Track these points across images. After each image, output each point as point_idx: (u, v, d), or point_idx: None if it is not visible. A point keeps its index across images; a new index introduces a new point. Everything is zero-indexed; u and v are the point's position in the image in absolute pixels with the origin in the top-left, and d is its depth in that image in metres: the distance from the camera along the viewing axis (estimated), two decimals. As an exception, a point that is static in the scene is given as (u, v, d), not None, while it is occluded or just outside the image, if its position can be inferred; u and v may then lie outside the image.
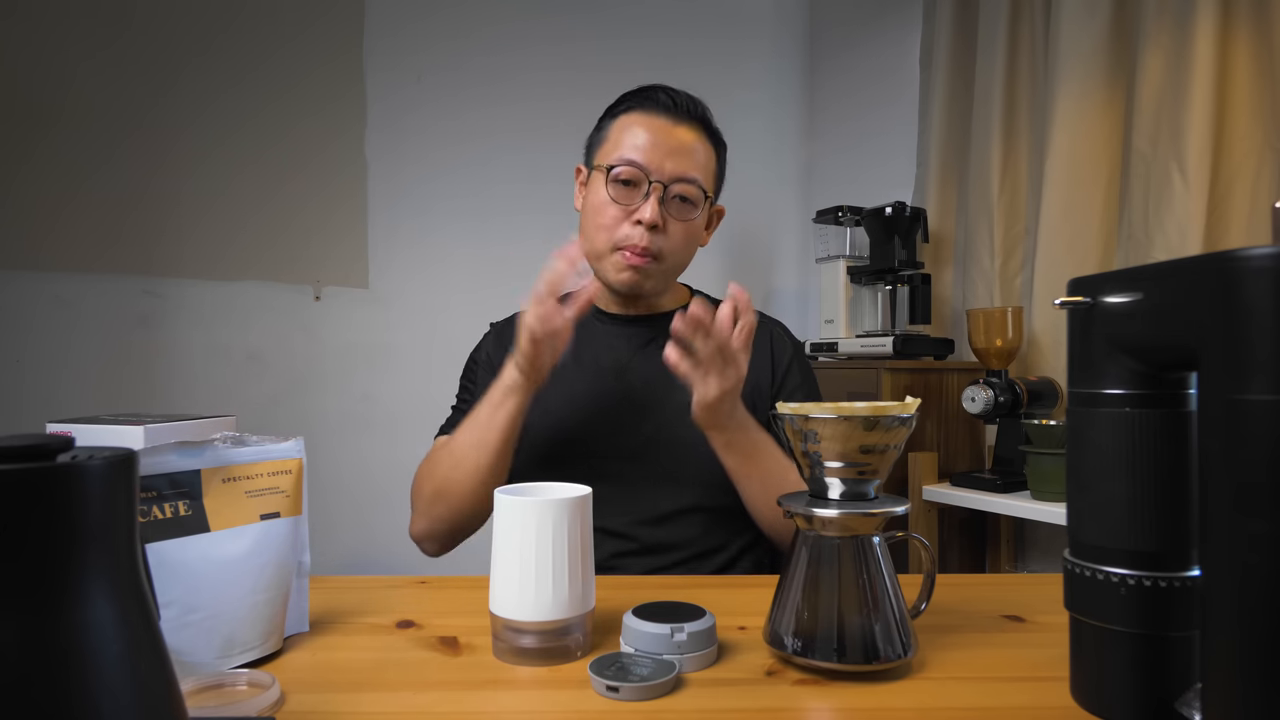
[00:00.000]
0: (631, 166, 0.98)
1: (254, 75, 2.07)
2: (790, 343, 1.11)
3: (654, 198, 0.98)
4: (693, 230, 1.03)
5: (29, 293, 1.88)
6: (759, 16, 2.59)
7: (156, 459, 0.57)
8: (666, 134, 1.00)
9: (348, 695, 0.55)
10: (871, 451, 0.57)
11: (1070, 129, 1.75)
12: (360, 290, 2.18)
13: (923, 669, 0.59)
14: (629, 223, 0.99)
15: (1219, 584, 0.40)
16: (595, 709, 0.52)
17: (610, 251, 1.01)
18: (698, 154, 1.01)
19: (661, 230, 0.99)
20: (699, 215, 1.03)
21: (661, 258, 1.00)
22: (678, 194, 1.00)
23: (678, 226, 1.01)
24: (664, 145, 0.99)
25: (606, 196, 1.00)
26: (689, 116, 1.02)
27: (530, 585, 0.59)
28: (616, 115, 1.04)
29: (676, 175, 0.99)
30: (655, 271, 1.01)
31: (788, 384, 1.06)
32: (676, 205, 1.00)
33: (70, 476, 0.32)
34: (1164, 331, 0.45)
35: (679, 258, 1.04)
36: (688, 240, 1.03)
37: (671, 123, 1.01)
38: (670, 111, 1.01)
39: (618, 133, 1.02)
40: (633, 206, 0.99)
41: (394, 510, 2.08)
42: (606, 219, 1.00)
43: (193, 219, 2.02)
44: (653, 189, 0.98)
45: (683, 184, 0.99)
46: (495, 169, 2.27)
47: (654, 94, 1.02)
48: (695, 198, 1.01)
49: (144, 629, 0.35)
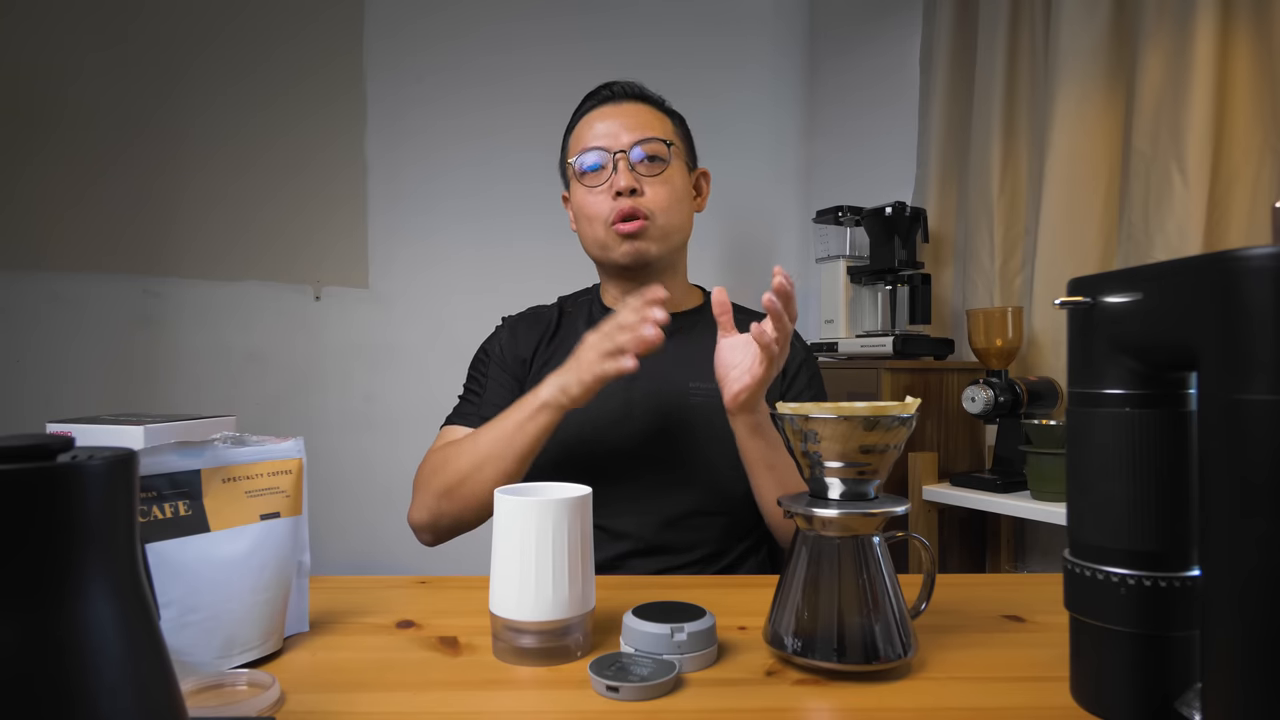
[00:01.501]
0: (592, 151, 1.03)
1: (254, 75, 2.07)
2: (801, 346, 1.10)
3: (622, 166, 1.01)
4: (675, 189, 1.05)
5: (29, 292, 1.88)
6: (759, 16, 2.59)
7: (156, 459, 0.57)
8: (614, 114, 1.05)
9: (348, 695, 0.55)
10: (871, 451, 0.57)
11: (1070, 129, 1.75)
12: (360, 290, 2.18)
13: (923, 669, 0.59)
14: (609, 200, 1.02)
15: (1219, 584, 0.40)
16: (595, 709, 0.52)
17: (604, 232, 1.03)
18: (650, 121, 1.05)
19: (640, 192, 1.02)
20: (671, 169, 1.05)
21: (652, 217, 1.02)
22: (643, 155, 1.03)
23: (656, 185, 1.03)
24: (614, 123, 1.04)
25: (583, 190, 1.04)
26: (629, 96, 1.07)
27: (530, 585, 0.59)
28: (571, 128, 1.10)
29: (636, 140, 1.03)
30: (652, 233, 1.02)
31: (794, 387, 1.07)
32: (646, 165, 1.03)
33: (70, 476, 0.32)
34: (1164, 331, 0.45)
35: (670, 217, 1.04)
36: (672, 198, 1.04)
37: (616, 105, 1.06)
38: (610, 99, 1.07)
39: (575, 139, 1.08)
40: (607, 185, 1.02)
41: (394, 510, 2.08)
42: (591, 209, 1.04)
43: (193, 219, 2.02)
44: (618, 159, 1.02)
45: (645, 144, 1.03)
46: (495, 169, 2.27)
47: (593, 93, 1.09)
48: (661, 153, 1.04)
49: (144, 629, 0.35)
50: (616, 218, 1.01)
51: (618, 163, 1.02)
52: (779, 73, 2.62)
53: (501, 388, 1.06)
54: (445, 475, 0.95)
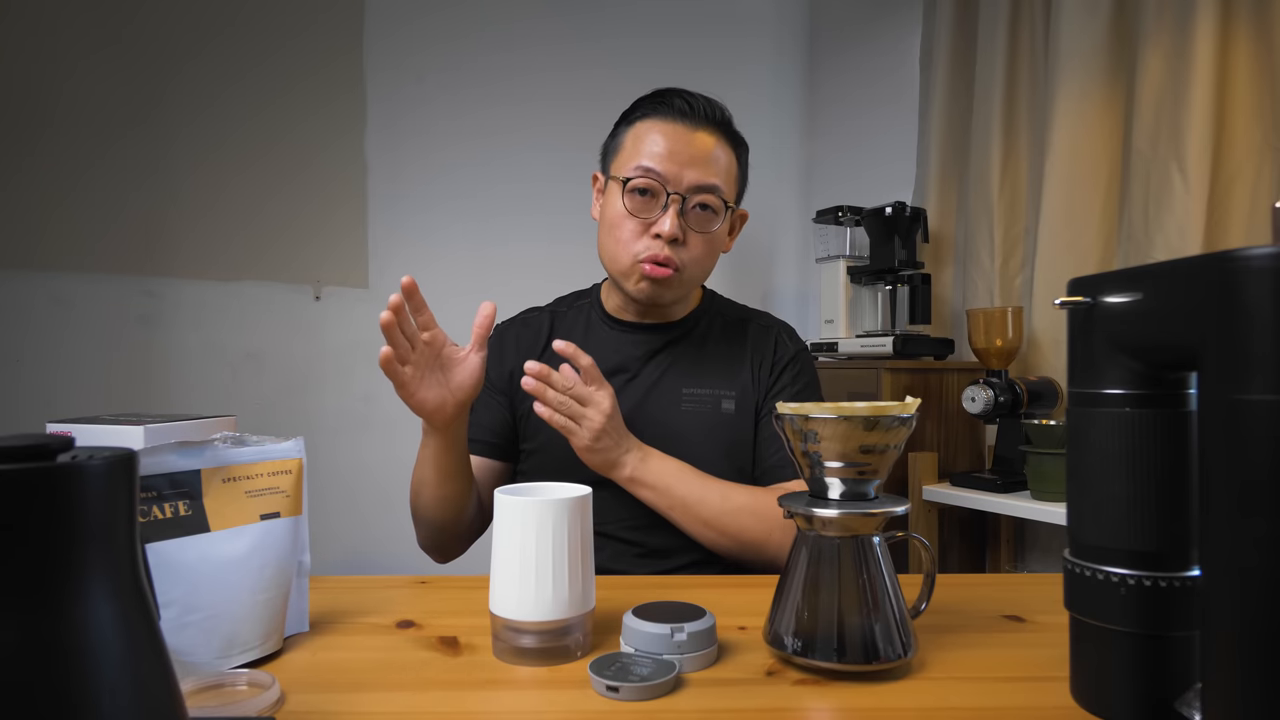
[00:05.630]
0: (648, 177, 0.95)
1: (254, 75, 2.07)
2: (792, 345, 1.09)
3: (673, 209, 0.94)
4: (714, 242, 1.00)
5: (29, 292, 1.88)
6: (759, 17, 2.59)
7: (156, 459, 0.57)
8: (684, 141, 0.95)
9: (348, 695, 0.55)
10: (871, 451, 0.57)
11: (1070, 129, 1.75)
12: (360, 290, 2.18)
13: (923, 669, 0.59)
14: (648, 235, 0.96)
15: (1219, 584, 0.40)
16: (595, 709, 0.52)
17: (629, 264, 0.97)
18: (718, 160, 0.97)
19: (682, 242, 0.96)
20: (720, 224, 0.99)
21: (682, 269, 0.97)
22: (698, 203, 0.96)
23: (698, 238, 0.97)
24: (682, 153, 0.95)
25: (623, 209, 0.97)
26: (707, 121, 0.98)
27: (530, 585, 0.59)
28: (632, 122, 1.00)
29: (696, 184, 0.95)
30: (675, 282, 0.98)
31: (778, 385, 1.05)
32: (696, 215, 0.97)
33: (70, 476, 0.32)
34: (1164, 331, 0.45)
35: (700, 268, 1.01)
36: (709, 251, 1.00)
37: (689, 128, 0.96)
38: (687, 116, 0.97)
39: (633, 141, 0.98)
40: (651, 218, 0.96)
41: (394, 510, 2.08)
42: (625, 233, 0.97)
43: (193, 219, 2.02)
44: (671, 200, 0.94)
45: (703, 194, 0.96)
46: (495, 169, 2.27)
47: (669, 99, 0.98)
48: (716, 207, 0.97)
49: (144, 629, 0.35)
50: (649, 259, 0.96)
51: (669, 204, 0.94)
52: (779, 73, 2.62)
53: (487, 409, 1.06)
54: (412, 503, 0.98)
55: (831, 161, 2.55)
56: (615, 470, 0.92)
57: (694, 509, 0.93)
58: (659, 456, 0.94)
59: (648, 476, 0.92)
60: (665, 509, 0.94)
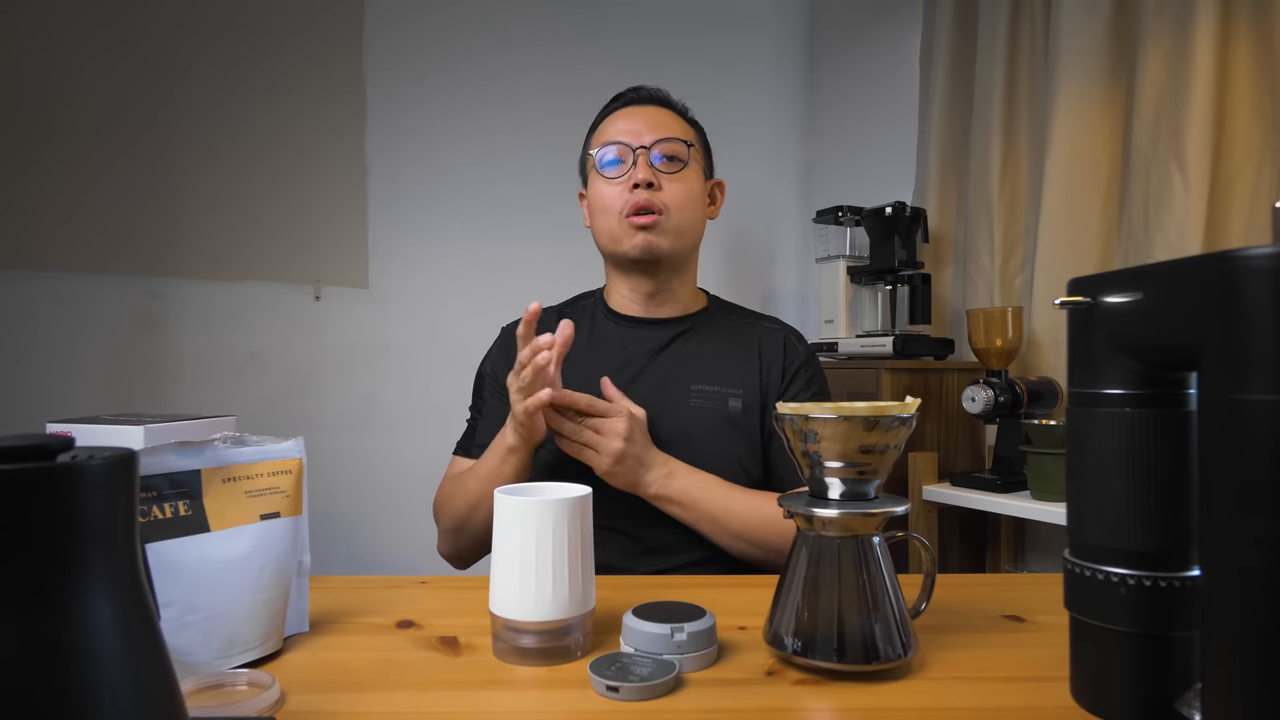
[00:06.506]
0: (613, 146, 1.06)
1: (254, 76, 2.07)
2: (803, 350, 1.11)
3: (642, 160, 1.04)
4: (691, 190, 1.07)
5: (30, 292, 1.88)
6: (759, 16, 2.59)
7: (156, 459, 0.57)
8: (637, 115, 1.08)
9: (348, 695, 0.55)
10: (871, 451, 0.57)
11: (1070, 128, 1.75)
12: (360, 290, 2.18)
13: (923, 669, 0.59)
14: (627, 193, 1.04)
15: (1219, 584, 0.40)
16: (595, 709, 0.52)
17: (618, 224, 1.04)
18: (672, 124, 1.08)
19: (658, 187, 1.04)
20: (689, 171, 1.07)
21: (666, 213, 1.03)
22: (664, 154, 1.05)
23: (673, 183, 1.05)
24: (637, 122, 1.06)
25: (602, 186, 1.06)
26: (654, 100, 1.11)
27: (530, 585, 0.59)
28: (594, 128, 1.12)
29: (656, 138, 1.05)
30: (665, 227, 1.04)
31: (792, 388, 1.07)
32: (665, 164, 1.05)
33: (70, 476, 0.32)
34: (1164, 331, 0.45)
35: (684, 216, 1.06)
36: (688, 197, 1.06)
37: (639, 107, 1.09)
38: (635, 101, 1.10)
39: (597, 136, 1.10)
40: (626, 178, 1.04)
41: (394, 510, 2.09)
42: (606, 200, 1.05)
43: (193, 219, 2.02)
44: (639, 154, 1.04)
45: (665, 143, 1.05)
46: (495, 169, 2.27)
47: (619, 95, 1.12)
48: (680, 153, 1.06)
49: (144, 629, 0.35)
50: (631, 210, 1.03)
51: (637, 158, 1.04)
52: (779, 73, 2.62)
53: (495, 414, 1.06)
54: (451, 514, 1.01)
55: (831, 161, 2.55)
56: (640, 489, 0.94)
57: (723, 522, 0.95)
58: (685, 471, 0.95)
59: (674, 494, 0.94)
60: (693, 523, 0.95)
